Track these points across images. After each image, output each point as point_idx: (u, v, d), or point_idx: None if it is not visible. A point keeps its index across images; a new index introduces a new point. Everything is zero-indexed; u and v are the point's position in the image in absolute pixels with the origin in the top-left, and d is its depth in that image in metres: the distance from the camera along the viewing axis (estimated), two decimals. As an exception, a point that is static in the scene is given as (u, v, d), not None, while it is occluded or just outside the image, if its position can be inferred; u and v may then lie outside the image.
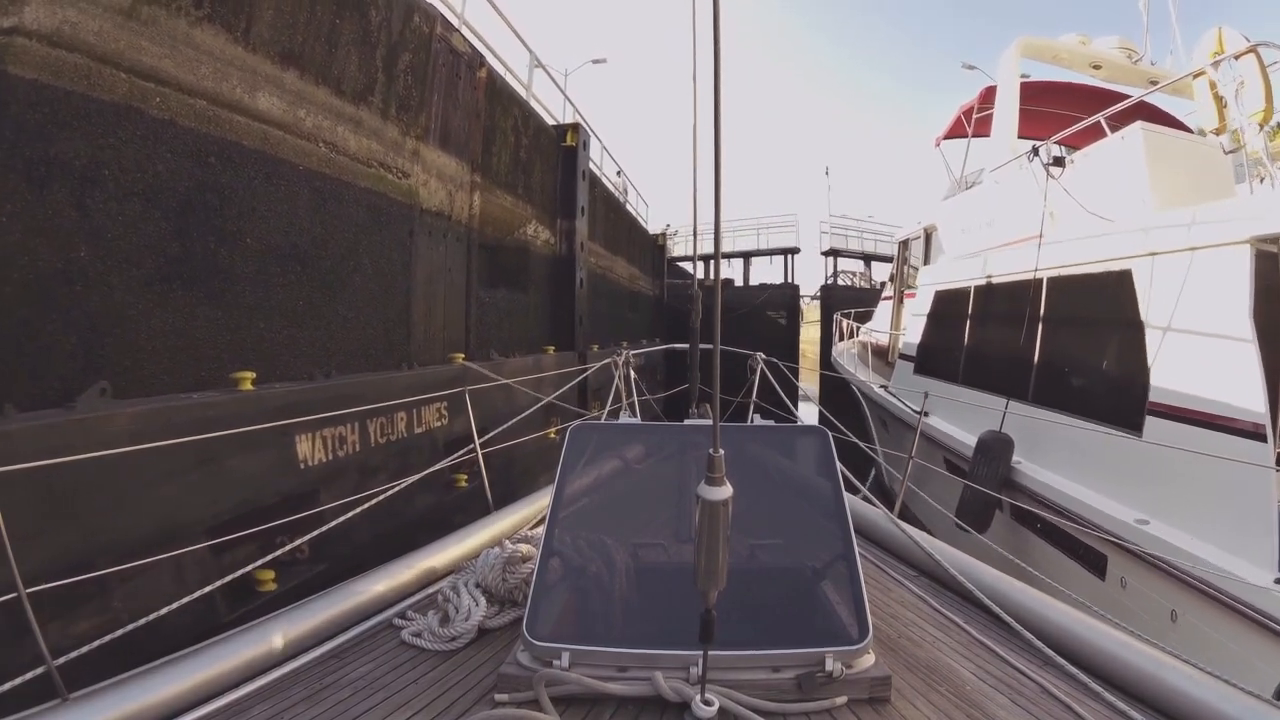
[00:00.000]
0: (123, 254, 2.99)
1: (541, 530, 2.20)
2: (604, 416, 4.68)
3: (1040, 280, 5.42)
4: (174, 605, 1.96)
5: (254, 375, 3.42)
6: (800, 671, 1.81)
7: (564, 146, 8.90)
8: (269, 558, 2.58)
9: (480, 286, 6.42)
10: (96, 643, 1.81)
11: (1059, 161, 5.72)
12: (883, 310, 11.90)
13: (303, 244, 4.03)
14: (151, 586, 2.55)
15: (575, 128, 9.07)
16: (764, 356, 5.04)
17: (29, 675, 1.65)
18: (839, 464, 2.32)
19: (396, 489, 3.11)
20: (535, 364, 7.05)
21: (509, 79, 7.27)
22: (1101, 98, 7.05)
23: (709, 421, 1.64)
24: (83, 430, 2.47)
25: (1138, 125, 5.23)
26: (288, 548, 2.56)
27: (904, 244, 10.71)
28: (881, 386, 8.84)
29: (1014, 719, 1.83)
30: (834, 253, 21.59)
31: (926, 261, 9.25)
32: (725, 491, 1.44)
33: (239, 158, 3.63)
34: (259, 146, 3.76)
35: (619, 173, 14.30)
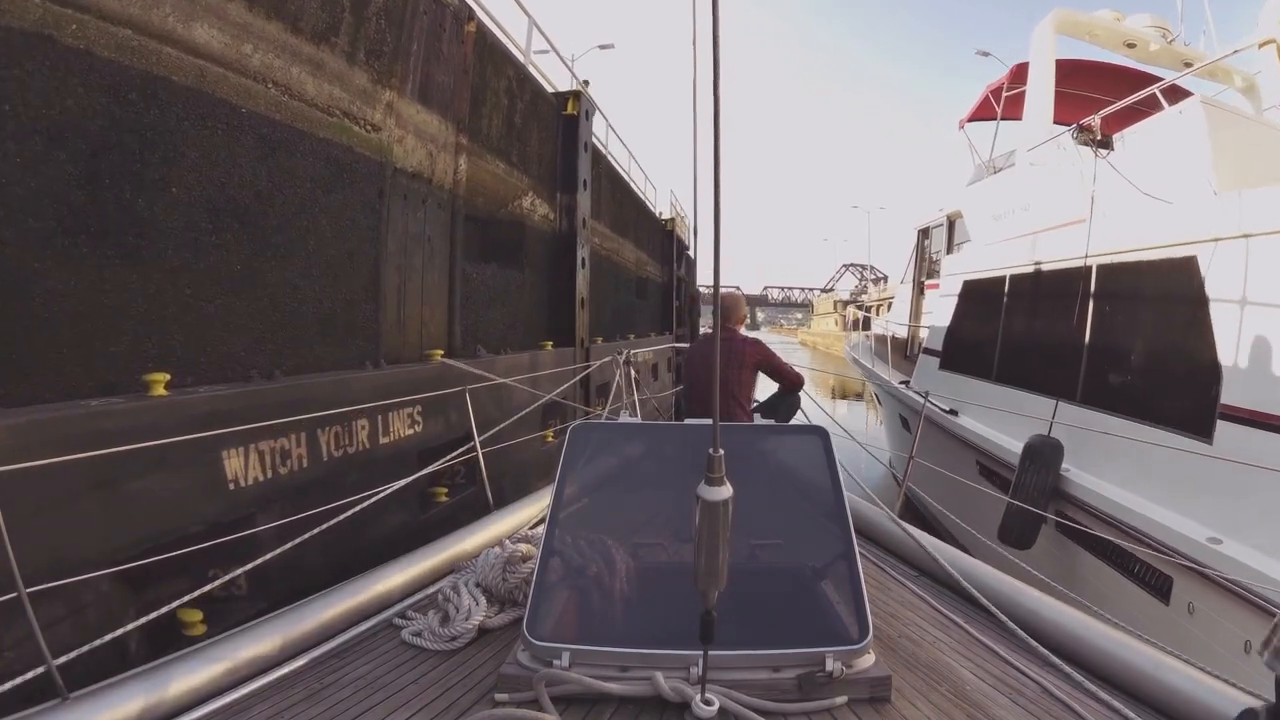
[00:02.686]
0: (16, 200, 2.72)
1: (541, 530, 2.30)
2: (604, 417, 4.80)
3: (1090, 268, 5.20)
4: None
5: (168, 378, 3.11)
6: (800, 671, 1.90)
7: (565, 115, 8.71)
8: (195, 595, 2.35)
9: (466, 260, 6.26)
10: (97, 642, 1.88)
11: (1105, 142, 5.47)
12: (901, 302, 11.72)
13: (243, 198, 3.85)
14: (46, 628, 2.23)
15: (577, 95, 8.86)
16: None
17: (29, 675, 1.71)
18: (839, 463, 2.44)
19: (361, 506, 2.94)
20: (531, 362, 6.87)
21: (505, 41, 6.86)
22: (1133, 80, 7.14)
23: (709, 421, 1.66)
24: None
25: (1197, 99, 5.05)
26: (216, 584, 2.42)
27: (924, 232, 10.60)
28: (902, 383, 8.74)
29: (1014, 719, 1.93)
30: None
31: (949, 250, 9.22)
32: (725, 492, 1.48)
33: (166, 95, 3.41)
34: (192, 83, 3.55)
35: (631, 158, 13.82)
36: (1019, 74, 7.96)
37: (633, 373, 5.38)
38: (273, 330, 3.95)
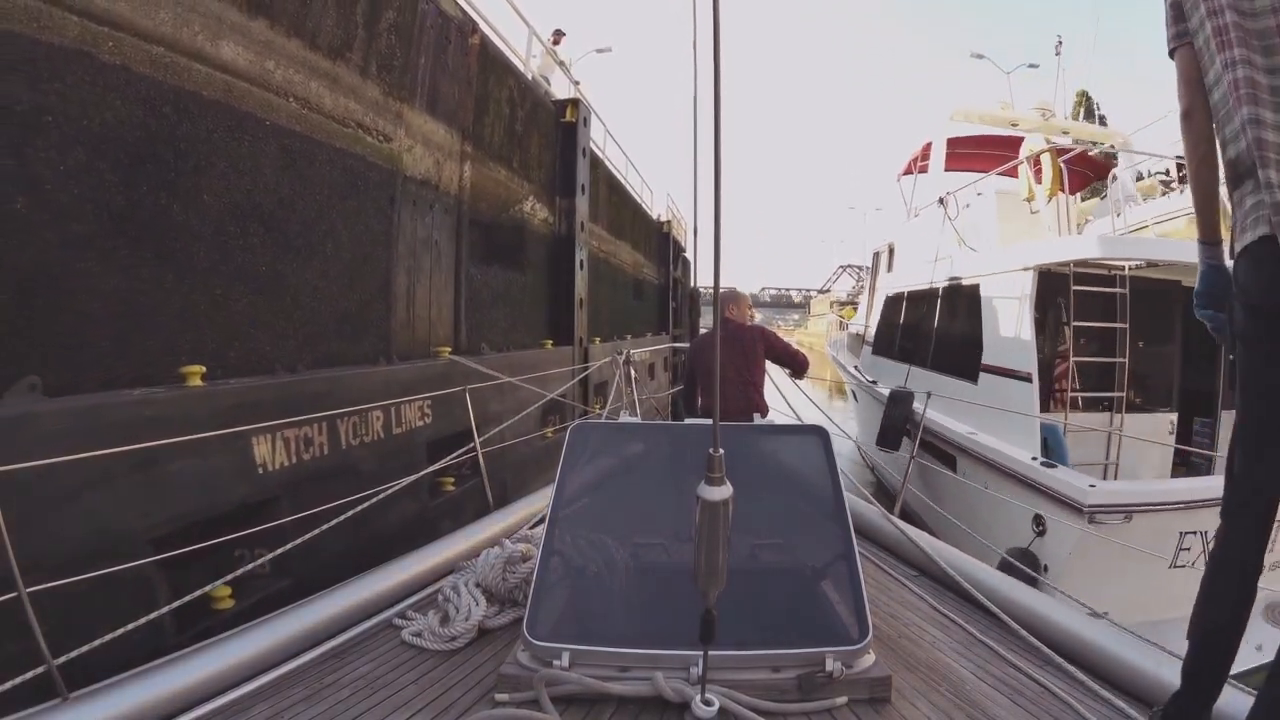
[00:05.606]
0: (62, 206, 2.83)
1: (541, 530, 2.25)
2: (604, 416, 4.81)
3: (937, 289, 8.13)
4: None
5: (203, 370, 3.25)
6: (800, 671, 1.86)
7: (563, 123, 8.73)
8: (230, 577, 2.55)
9: (472, 263, 6.29)
10: (97, 642, 1.84)
11: (949, 205, 8.59)
12: (863, 307, 15.30)
13: (267, 204, 3.88)
14: (86, 606, 2.33)
15: (575, 103, 8.88)
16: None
17: (29, 675, 1.68)
18: (839, 463, 2.39)
19: (373, 500, 3.02)
20: (533, 362, 6.96)
21: (506, 52, 7.06)
22: (1014, 143, 10.00)
23: (709, 421, 1.68)
24: (11, 431, 2.36)
25: (993, 189, 8.34)
26: (251, 565, 2.53)
27: (877, 254, 13.50)
28: (855, 367, 12.01)
29: (1014, 719, 1.89)
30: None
31: (889, 270, 12.05)
32: (725, 491, 1.47)
33: (197, 109, 3.48)
34: (221, 98, 3.61)
35: (629, 162, 14.02)
36: (928, 149, 10.85)
37: (632, 372, 5.38)
38: (295, 327, 4.04)
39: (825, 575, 2.17)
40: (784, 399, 4.80)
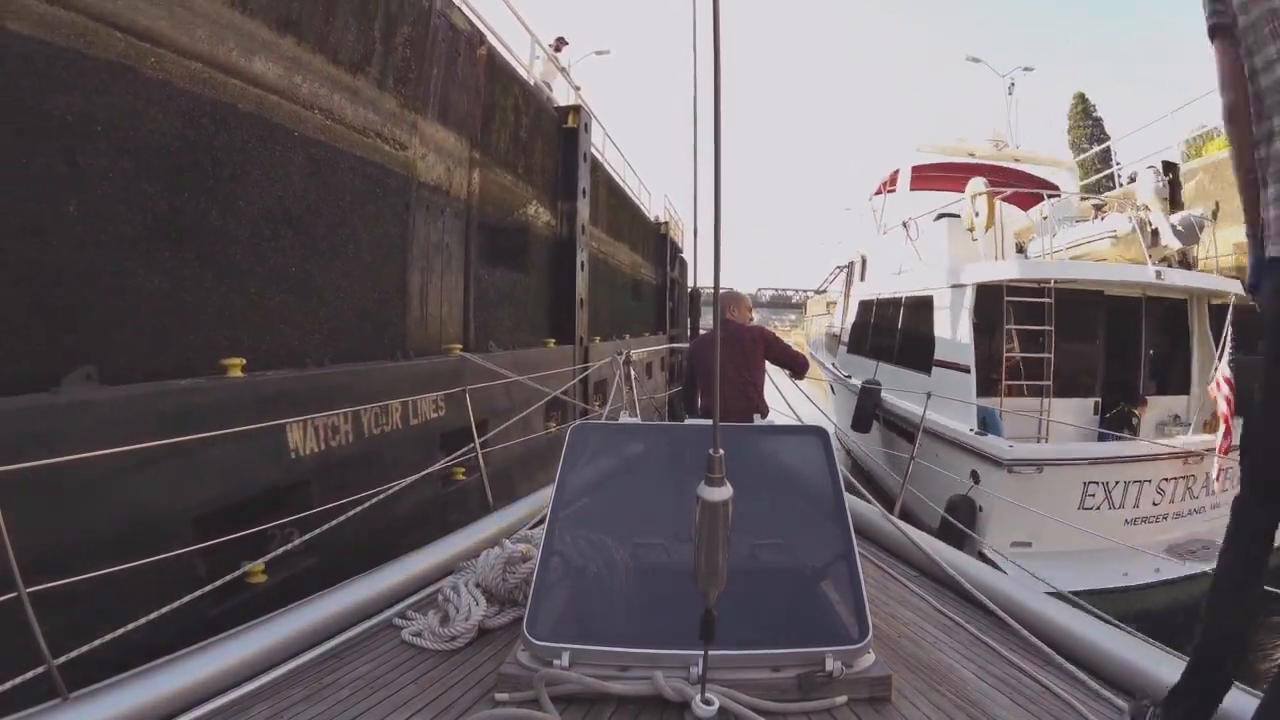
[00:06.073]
0: (111, 210, 2.93)
1: (541, 530, 2.20)
2: (604, 416, 4.72)
3: (901, 298, 9.32)
4: (169, 607, 1.99)
5: (244, 362, 3.35)
6: (800, 671, 1.81)
7: (565, 128, 8.72)
8: (269, 557, 2.61)
9: (480, 264, 6.32)
10: (97, 642, 1.81)
11: (911, 229, 10.05)
12: (840, 310, 16.65)
13: (296, 210, 3.92)
14: (133, 580, 2.40)
15: (576, 109, 8.88)
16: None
17: (29, 675, 1.65)
18: (839, 463, 2.31)
19: (396, 488, 3.08)
20: (536, 360, 7.05)
21: (512, 61, 7.16)
22: (972, 169, 11.03)
23: (709, 421, 1.63)
24: (70, 416, 2.46)
25: (945, 221, 9.47)
26: (289, 546, 2.59)
27: (851, 264, 14.72)
28: (831, 364, 13.21)
29: (1014, 719, 1.83)
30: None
31: (862, 280, 13.28)
32: (725, 492, 1.44)
33: (233, 121, 3.53)
34: (254, 110, 3.66)
35: (627, 164, 14.25)
36: (895, 177, 12.08)
37: (632, 373, 5.32)
38: (320, 324, 4.13)
39: (825, 575, 2.09)
40: (784, 399, 4.71)
